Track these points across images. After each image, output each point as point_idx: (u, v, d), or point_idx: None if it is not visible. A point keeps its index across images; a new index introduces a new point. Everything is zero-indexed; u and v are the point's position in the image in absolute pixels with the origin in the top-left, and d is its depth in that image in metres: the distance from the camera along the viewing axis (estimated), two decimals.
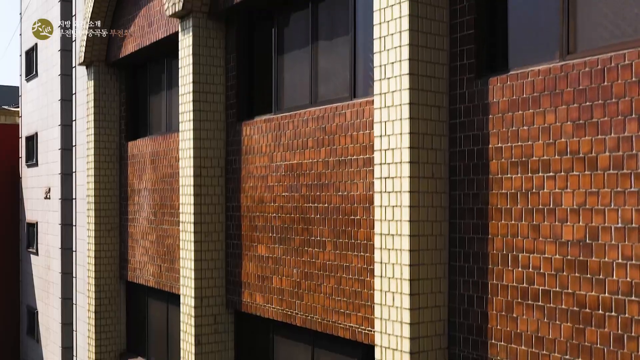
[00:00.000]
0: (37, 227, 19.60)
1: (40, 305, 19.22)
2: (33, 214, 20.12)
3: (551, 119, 5.03)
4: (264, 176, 8.17)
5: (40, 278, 19.20)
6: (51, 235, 17.82)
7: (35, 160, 19.44)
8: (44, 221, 18.66)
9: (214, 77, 8.90)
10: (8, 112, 25.56)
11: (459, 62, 5.75)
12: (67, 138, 16.39)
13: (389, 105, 5.78)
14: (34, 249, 19.91)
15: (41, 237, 19.07)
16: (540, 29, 5.42)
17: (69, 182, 16.41)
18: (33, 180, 19.88)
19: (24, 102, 20.74)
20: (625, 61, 4.58)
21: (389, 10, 5.76)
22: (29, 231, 20.79)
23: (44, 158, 18.51)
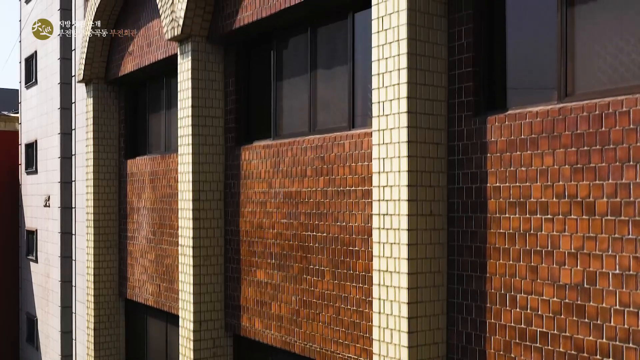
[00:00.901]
0: (36, 234, 19.61)
1: (40, 313, 19.23)
2: (33, 221, 20.13)
3: (549, 162, 5.03)
4: (263, 202, 8.17)
5: (39, 286, 19.22)
6: (51, 244, 17.84)
7: (34, 167, 19.45)
8: (44, 229, 18.68)
9: (213, 101, 8.90)
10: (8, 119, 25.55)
11: (457, 99, 5.76)
12: (67, 146, 16.42)
13: (387, 142, 5.78)
14: (33, 257, 19.92)
15: (41, 245, 19.08)
16: (538, 70, 5.43)
17: (68, 190, 16.43)
18: (33, 188, 19.89)
19: (24, 109, 20.75)
20: (623, 108, 4.58)
21: (387, 47, 5.77)
22: (29, 238, 20.80)
23: (43, 166, 18.53)
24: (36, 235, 19.62)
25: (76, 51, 13.72)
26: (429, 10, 5.72)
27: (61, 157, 16.65)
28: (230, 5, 8.44)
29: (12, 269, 22.01)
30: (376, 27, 5.89)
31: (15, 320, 22.02)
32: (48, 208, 18.39)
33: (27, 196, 20.76)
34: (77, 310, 14.16)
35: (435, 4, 5.75)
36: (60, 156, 16.67)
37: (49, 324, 18.07)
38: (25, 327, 21.01)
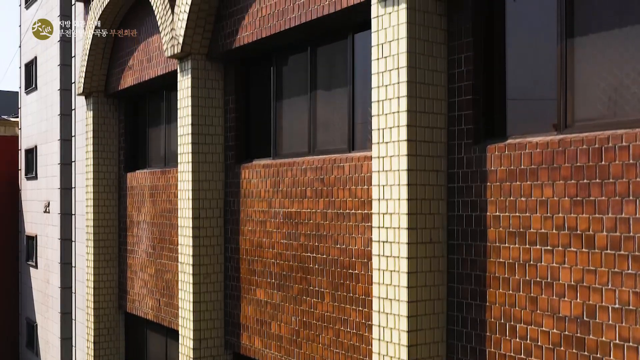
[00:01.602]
0: (36, 240, 19.62)
1: (40, 319, 19.24)
2: (32, 226, 20.14)
3: (549, 193, 5.03)
4: (263, 221, 8.17)
5: (39, 291, 19.23)
6: (50, 249, 17.84)
7: (34, 173, 19.46)
8: (44, 235, 18.68)
9: (213, 119, 8.90)
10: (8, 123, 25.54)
11: (457, 126, 5.76)
12: (67, 153, 16.43)
13: (387, 169, 5.78)
14: (33, 262, 19.93)
15: (40, 251, 19.09)
16: (538, 99, 5.43)
17: (68, 197, 16.44)
18: (32, 193, 19.90)
19: (24, 115, 20.77)
20: (623, 142, 4.58)
21: (387, 74, 5.77)
22: (29, 244, 20.81)
23: (43, 172, 18.53)
24: (36, 241, 19.63)
25: (76, 65, 13.72)
26: (429, 38, 5.72)
27: (61, 163, 16.66)
28: (230, 25, 8.44)
29: (12, 274, 22.02)
30: (376, 54, 5.89)
31: (15, 325, 22.02)
32: (48, 214, 18.40)
33: (26, 201, 20.76)
34: (77, 318, 14.17)
35: (435, 31, 5.75)
36: (60, 162, 16.68)
37: (49, 330, 18.08)
38: (25, 332, 21.02)
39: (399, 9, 5.65)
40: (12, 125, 25.41)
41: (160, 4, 9.32)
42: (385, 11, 5.78)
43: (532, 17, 5.50)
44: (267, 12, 7.76)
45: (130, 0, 10.82)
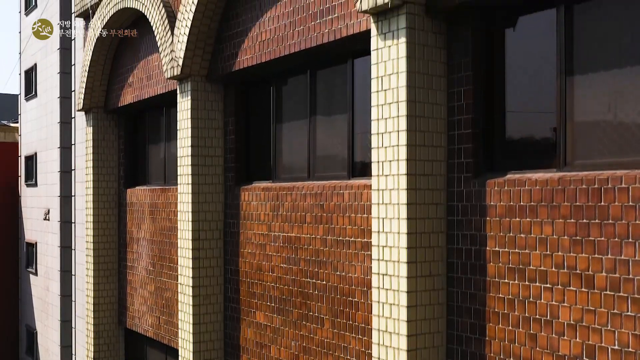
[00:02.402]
0: (36, 247, 19.63)
1: (40, 326, 19.26)
2: (32, 233, 20.15)
3: (548, 231, 5.03)
4: (263, 244, 8.17)
5: (39, 299, 19.24)
6: (50, 257, 17.86)
7: (34, 180, 19.47)
8: (43, 242, 18.70)
9: (212, 140, 8.90)
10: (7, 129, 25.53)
11: (457, 159, 5.76)
12: (67, 161, 16.43)
13: (386, 202, 5.78)
14: (33, 269, 19.94)
15: (40, 258, 19.10)
16: (538, 135, 5.44)
17: (68, 205, 16.44)
18: (32, 200, 19.92)
19: (24, 121, 20.78)
20: (622, 184, 4.58)
21: (387, 107, 5.77)
22: (28, 250, 20.82)
23: (43, 179, 18.54)
24: (36, 248, 19.64)
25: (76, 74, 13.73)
26: (428, 71, 5.72)
27: (61, 171, 16.66)
28: (229, 47, 8.44)
29: (12, 281, 22.02)
30: (375, 87, 5.89)
31: (15, 332, 22.03)
32: (48, 222, 18.41)
33: (26, 208, 20.77)
34: (77, 326, 14.18)
35: (434, 64, 5.75)
36: (60, 170, 16.68)
37: (49, 338, 18.09)
38: (25, 339, 21.04)
39: (399, 42, 5.65)
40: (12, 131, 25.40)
41: (160, 24, 9.32)
42: (385, 44, 5.78)
43: (532, 52, 5.50)
44: (266, 36, 7.77)
45: (129, 19, 10.82)
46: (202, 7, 8.39)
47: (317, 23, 6.97)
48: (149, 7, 9.61)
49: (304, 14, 7.18)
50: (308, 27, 7.11)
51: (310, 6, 7.10)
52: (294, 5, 7.33)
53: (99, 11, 11.15)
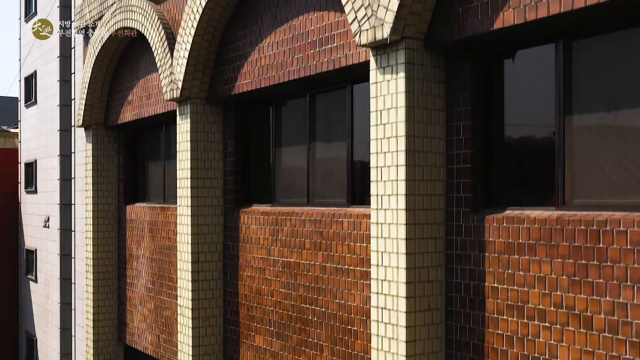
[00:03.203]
0: (36, 254, 19.63)
1: (39, 333, 19.27)
2: (32, 240, 20.16)
3: (547, 270, 5.04)
4: (262, 268, 8.18)
5: (39, 306, 19.26)
6: (50, 265, 17.87)
7: (34, 187, 19.48)
8: (43, 249, 18.71)
9: (212, 162, 8.91)
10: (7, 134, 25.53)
11: (456, 193, 5.76)
12: (67, 169, 16.44)
13: (385, 236, 5.79)
14: (33, 276, 19.94)
15: (40, 265, 19.11)
16: (537, 172, 5.44)
17: (68, 212, 16.45)
18: (32, 207, 19.93)
19: (23, 128, 20.79)
20: (621, 227, 4.59)
21: (386, 141, 5.77)
22: (28, 257, 20.83)
23: (43, 186, 18.56)
24: (36, 255, 19.65)
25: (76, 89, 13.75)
26: (427, 106, 5.73)
27: (61, 179, 16.65)
28: (229, 71, 8.45)
29: (12, 287, 22.02)
30: (374, 120, 5.89)
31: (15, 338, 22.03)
32: (47, 229, 18.43)
33: (26, 215, 20.79)
34: (77, 334, 14.19)
35: (433, 98, 5.76)
36: (59, 178, 16.68)
37: (49, 345, 18.10)
38: (24, 346, 21.04)
39: (397, 77, 5.65)
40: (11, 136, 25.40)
41: (159, 46, 9.33)
42: (384, 78, 5.78)
43: (531, 87, 5.51)
44: (266, 62, 7.77)
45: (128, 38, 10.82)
46: (201, 30, 8.40)
47: (317, 51, 6.98)
48: (148, 28, 9.62)
49: (303, 41, 7.19)
50: (307, 55, 7.11)
51: (309, 34, 7.10)
52: (293, 32, 7.34)
53: (99, 29, 11.16)
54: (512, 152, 5.64)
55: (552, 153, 5.24)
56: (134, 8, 9.96)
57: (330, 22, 6.81)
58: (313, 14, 7.06)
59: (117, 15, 10.49)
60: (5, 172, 22.84)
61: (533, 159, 5.47)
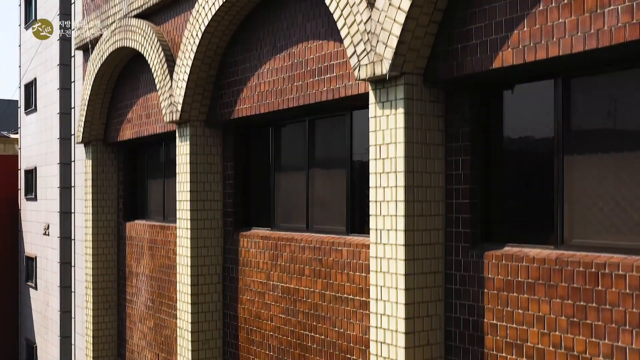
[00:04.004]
0: (36, 261, 19.64)
1: (39, 340, 19.29)
2: (32, 247, 20.17)
3: (546, 309, 5.04)
4: (261, 292, 8.18)
5: (39, 313, 19.27)
6: (50, 272, 17.88)
7: (34, 194, 19.48)
8: (43, 257, 18.72)
9: (212, 184, 8.91)
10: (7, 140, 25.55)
11: (455, 228, 5.77)
12: (67, 177, 16.44)
13: (384, 271, 5.79)
14: (32, 283, 19.95)
15: (40, 273, 19.12)
16: (535, 210, 5.44)
17: (68, 220, 16.45)
18: (32, 214, 19.94)
19: (23, 135, 20.81)
20: (620, 271, 4.59)
21: (385, 176, 5.78)
22: (28, 264, 20.84)
23: (42, 194, 18.57)
24: (35, 262, 19.66)
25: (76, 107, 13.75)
26: (426, 141, 5.73)
27: (60, 187, 16.65)
28: (228, 95, 8.45)
29: (12, 293, 22.03)
30: (373, 154, 5.89)
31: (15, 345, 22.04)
32: (47, 236, 18.44)
33: (26, 222, 20.80)
34: (77, 343, 14.19)
35: (432, 133, 5.76)
36: (59, 186, 16.68)
37: (49, 353, 18.12)
38: (24, 353, 21.05)
39: (397, 113, 5.66)
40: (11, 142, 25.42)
41: (159, 67, 9.33)
42: (383, 113, 5.79)
43: (530, 123, 5.51)
44: (265, 88, 7.77)
45: (128, 55, 10.83)
46: (201, 54, 8.40)
47: (316, 80, 6.98)
48: (147, 49, 9.62)
49: (302, 69, 7.19)
50: (307, 84, 7.11)
51: (308, 62, 7.11)
52: (292, 60, 7.34)
53: (98, 47, 11.16)
54: (511, 188, 5.64)
55: (551, 191, 5.24)
56: (133, 28, 9.96)
57: (330, 51, 6.81)
58: (312, 42, 7.07)
59: (116, 35, 10.49)
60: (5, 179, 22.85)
61: (532, 195, 5.47)
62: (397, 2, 5.48)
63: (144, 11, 9.82)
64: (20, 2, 20.70)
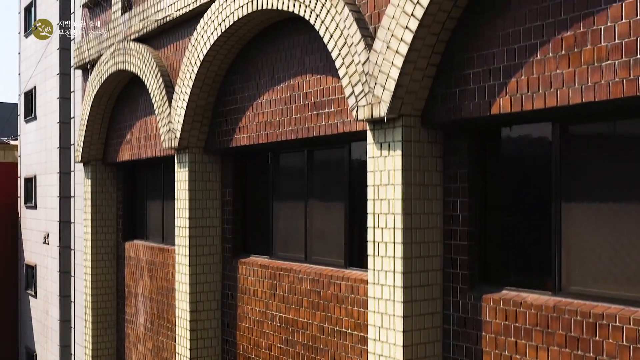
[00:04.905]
0: (35, 270, 19.64)
1: (39, 349, 19.29)
2: (32, 256, 20.17)
3: (543, 356, 5.04)
4: (260, 321, 8.19)
5: (39, 322, 19.29)
6: (50, 281, 17.89)
7: (34, 203, 19.48)
8: (43, 265, 18.73)
9: (210, 211, 8.91)
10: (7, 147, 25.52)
11: (453, 269, 5.77)
12: (66, 186, 16.45)
13: (382, 312, 5.79)
14: (32, 292, 19.96)
15: (40, 281, 19.13)
16: (533, 254, 5.44)
17: (67, 230, 16.46)
18: (32, 223, 19.95)
19: (23, 143, 20.82)
20: (617, 322, 4.59)
21: (383, 217, 5.78)
22: (28, 272, 20.84)
23: (42, 202, 18.57)
24: (35, 271, 19.66)
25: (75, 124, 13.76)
26: (424, 182, 5.73)
27: (60, 196, 16.65)
28: (227, 123, 8.45)
29: (11, 301, 22.03)
30: (371, 195, 5.90)
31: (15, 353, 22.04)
32: (47, 245, 18.45)
33: (26, 230, 20.81)
34: (77, 353, 14.20)
35: (430, 174, 5.76)
36: (59, 195, 16.68)
37: None
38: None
39: (394, 154, 5.66)
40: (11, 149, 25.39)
41: (157, 93, 9.33)
42: (381, 154, 5.79)
43: (529, 168, 5.51)
44: (264, 118, 7.77)
45: (127, 77, 10.83)
46: (199, 82, 8.40)
47: (314, 114, 6.98)
48: (146, 74, 9.62)
49: (301, 102, 7.19)
50: (305, 117, 7.12)
51: (307, 96, 7.11)
52: (291, 92, 7.34)
53: (97, 68, 11.16)
54: (509, 231, 5.64)
55: (549, 235, 5.24)
56: (132, 52, 9.96)
57: (328, 86, 6.81)
58: (310, 76, 7.07)
59: (115, 57, 10.49)
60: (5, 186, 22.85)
61: (530, 239, 5.48)
62: (395, 45, 5.48)
63: (143, 35, 9.81)
64: (20, 10, 20.71)
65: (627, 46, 4.31)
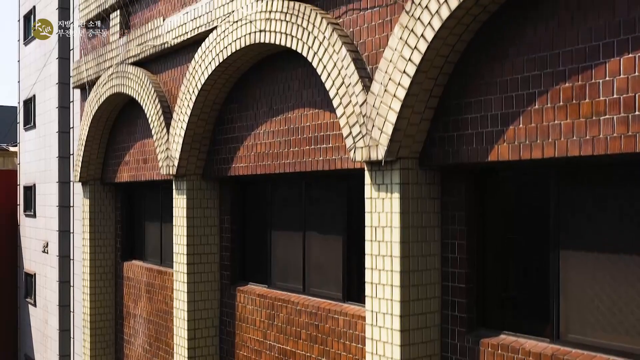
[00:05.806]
0: (35, 278, 19.63)
1: (38, 358, 19.28)
2: (31, 264, 20.16)
3: None
4: (258, 351, 8.16)
5: (38, 330, 19.27)
6: (49, 291, 17.88)
7: (33, 211, 19.47)
8: (42, 274, 18.72)
9: (209, 238, 8.89)
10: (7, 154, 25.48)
11: (451, 311, 5.75)
12: (65, 196, 16.42)
13: (380, 354, 5.77)
14: (32, 300, 19.94)
15: (39, 290, 19.12)
16: (531, 299, 5.42)
17: (66, 239, 16.44)
18: (31, 231, 19.94)
19: (22, 151, 20.80)
20: None
21: (380, 259, 5.76)
22: (27, 281, 20.82)
23: (41, 211, 18.55)
24: (35, 279, 19.65)
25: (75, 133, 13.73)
26: (422, 224, 5.71)
27: (59, 205, 16.63)
28: (225, 151, 8.43)
29: (11, 309, 22.01)
30: (369, 236, 5.88)
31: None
32: (46, 254, 18.44)
33: (25, 238, 20.79)
34: None
35: (428, 215, 5.74)
36: (58, 205, 16.66)
37: None
38: None
39: (392, 197, 5.64)
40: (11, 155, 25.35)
41: (155, 118, 9.30)
42: (379, 195, 5.77)
43: (527, 213, 5.49)
44: (262, 149, 7.75)
45: (125, 99, 10.80)
46: (197, 110, 8.37)
47: (313, 149, 6.96)
48: (144, 98, 9.59)
49: (299, 135, 7.17)
50: (303, 151, 7.09)
51: (305, 130, 7.08)
52: (289, 124, 7.32)
53: (95, 89, 11.13)
54: (507, 275, 5.62)
55: (547, 281, 5.22)
56: (130, 75, 9.93)
57: (326, 121, 6.79)
58: (308, 110, 7.05)
59: (113, 80, 10.46)
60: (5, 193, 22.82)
61: (529, 284, 5.46)
62: (392, 89, 5.46)
63: (140, 59, 9.79)
64: (19, 18, 20.69)
65: (625, 102, 4.29)
